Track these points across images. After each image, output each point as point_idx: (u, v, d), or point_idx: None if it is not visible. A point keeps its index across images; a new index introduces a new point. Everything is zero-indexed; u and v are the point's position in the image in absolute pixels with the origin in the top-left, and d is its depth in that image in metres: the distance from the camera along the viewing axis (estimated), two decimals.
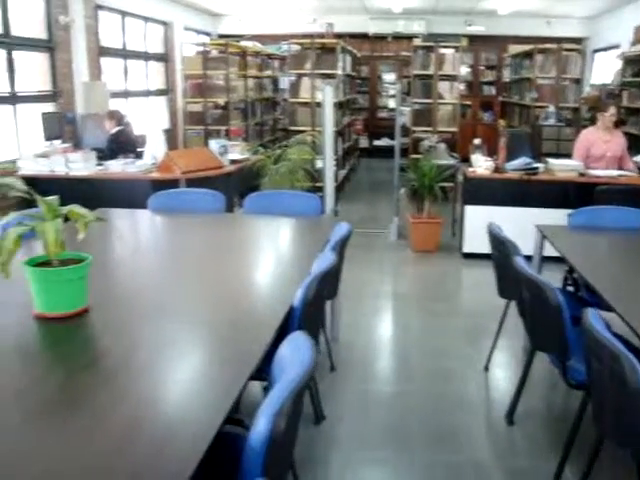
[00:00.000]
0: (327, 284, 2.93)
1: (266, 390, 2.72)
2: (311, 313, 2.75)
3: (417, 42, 10.59)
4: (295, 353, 2.04)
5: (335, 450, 3.43)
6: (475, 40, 14.45)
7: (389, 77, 15.77)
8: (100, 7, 9.36)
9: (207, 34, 14.35)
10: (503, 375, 4.36)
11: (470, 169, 6.80)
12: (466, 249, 6.81)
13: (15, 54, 7.55)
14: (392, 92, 15.61)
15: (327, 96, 7.59)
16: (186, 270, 3.33)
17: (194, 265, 3.41)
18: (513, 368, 4.40)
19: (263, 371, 2.22)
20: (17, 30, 7.57)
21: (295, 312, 2.69)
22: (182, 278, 3.19)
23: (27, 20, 7.89)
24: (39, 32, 8.13)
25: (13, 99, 7.53)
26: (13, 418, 1.86)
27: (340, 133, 10.38)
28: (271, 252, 3.80)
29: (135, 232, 3.24)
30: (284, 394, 1.78)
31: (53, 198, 2.53)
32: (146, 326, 2.52)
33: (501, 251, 3.81)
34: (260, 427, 1.71)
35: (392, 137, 13.99)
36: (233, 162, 6.81)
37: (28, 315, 2.50)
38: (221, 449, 1.76)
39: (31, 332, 2.49)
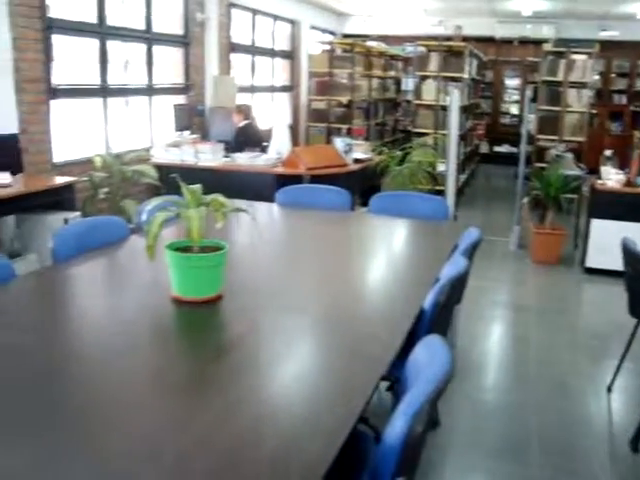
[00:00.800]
0: (457, 290, 2.89)
1: (390, 390, 2.73)
2: (441, 318, 2.73)
3: (547, 47, 10.27)
4: (432, 356, 2.02)
5: (449, 456, 3.39)
6: (607, 46, 13.87)
7: (513, 82, 15.39)
8: (233, 5, 9.64)
9: (332, 33, 14.50)
10: (628, 399, 4.16)
11: (599, 181, 6.52)
12: (589, 264, 6.54)
13: (154, 49, 7.90)
14: (515, 98, 15.24)
15: (454, 99, 7.50)
16: (313, 265, 3.37)
17: (321, 261, 3.45)
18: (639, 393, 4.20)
19: (388, 371, 2.21)
20: (157, 26, 7.93)
21: (425, 315, 2.66)
22: (309, 273, 3.23)
23: (166, 17, 8.24)
24: (176, 28, 8.48)
25: (150, 91, 7.89)
26: (149, 395, 1.95)
27: (462, 137, 10.23)
28: (397, 253, 3.79)
29: (264, 224, 3.32)
30: (422, 396, 1.77)
31: (197, 187, 2.62)
32: (275, 318, 2.56)
33: (636, 268, 3.64)
34: (397, 427, 1.70)
35: (514, 144, 13.76)
36: (357, 161, 6.84)
37: (166, 297, 2.60)
38: (346, 447, 1.77)
39: (167, 313, 2.59)
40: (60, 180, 5.53)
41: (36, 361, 2.09)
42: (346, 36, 14.24)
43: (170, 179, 6.12)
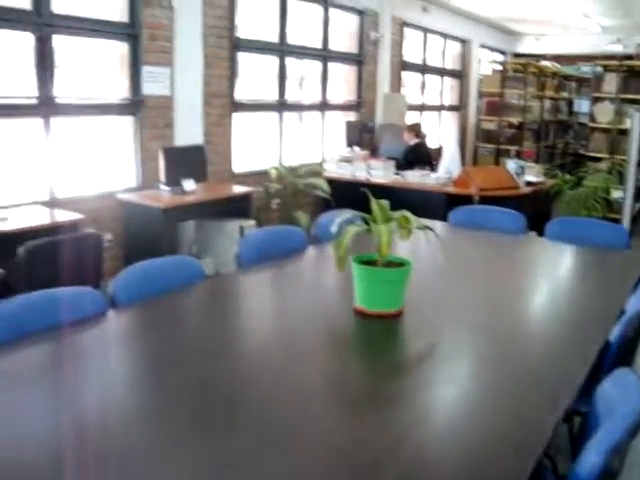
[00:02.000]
0: None
1: (566, 422, 2.61)
2: (627, 351, 2.59)
3: None
4: (626, 391, 1.92)
5: None
6: None
7: None
8: (406, 24, 9.73)
9: (502, 52, 14.24)
10: None
11: None
12: None
13: (329, 66, 8.15)
14: None
15: (635, 123, 7.12)
16: (489, 287, 3.30)
17: (496, 283, 3.37)
18: None
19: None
20: (333, 45, 8.17)
21: (611, 348, 2.54)
22: (485, 295, 3.17)
23: (341, 36, 8.47)
24: (351, 46, 8.68)
25: (323, 107, 8.13)
26: (325, 407, 1.96)
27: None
28: (575, 281, 3.64)
29: (438, 244, 3.31)
30: (619, 432, 1.69)
31: (385, 202, 2.67)
32: (453, 338, 2.54)
33: None
34: (592, 462, 1.63)
35: None
36: (529, 184, 6.66)
37: (347, 308, 2.66)
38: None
39: (348, 325, 2.63)
40: (239, 189, 5.82)
41: (213, 363, 2.17)
42: (517, 55, 13.94)
43: (340, 192, 6.33)
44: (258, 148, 7.20)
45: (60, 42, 4.96)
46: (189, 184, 5.40)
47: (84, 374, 2.05)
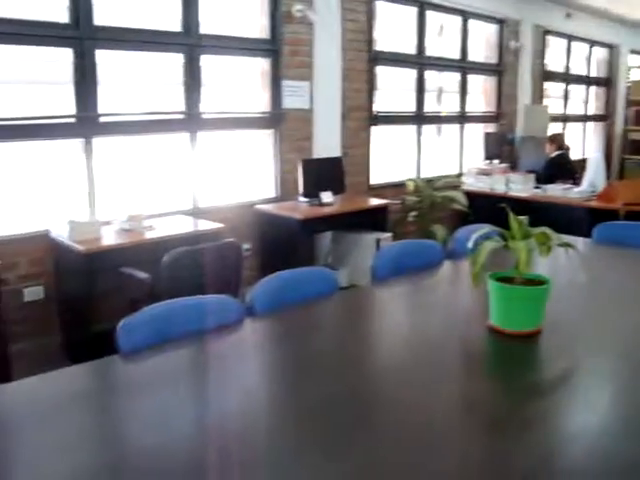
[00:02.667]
0: None
1: None
2: None
3: None
4: None
5: None
6: None
7: None
8: (548, 32, 9.42)
9: None
10: None
11: None
12: None
13: (468, 77, 8.03)
14: None
15: None
16: (633, 313, 3.12)
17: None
18: None
19: None
20: (472, 55, 8.06)
21: None
22: (628, 321, 2.99)
23: (480, 46, 8.33)
24: (490, 57, 8.52)
25: (461, 118, 8.02)
26: (458, 428, 1.87)
27: None
28: None
29: (580, 262, 3.16)
30: None
31: (523, 218, 2.60)
32: (594, 361, 2.40)
33: None
34: None
35: None
36: None
37: (482, 326, 2.59)
38: None
39: (483, 343, 2.56)
40: (376, 202, 5.85)
41: (344, 377, 2.14)
42: None
43: (478, 206, 6.22)
44: (395, 160, 7.21)
45: (206, 60, 5.21)
46: (327, 196, 5.49)
47: (223, 380, 2.11)
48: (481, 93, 8.53)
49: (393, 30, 6.93)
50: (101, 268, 4.05)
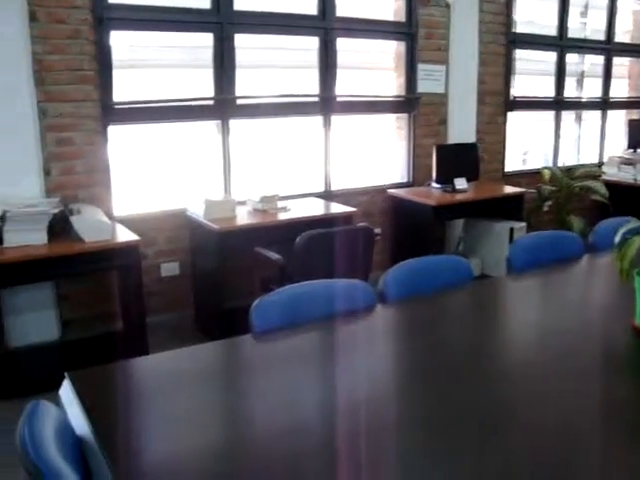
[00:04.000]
0: None
1: None
2: None
3: None
4: None
5: None
6: None
7: None
8: None
9: None
10: None
11: None
12: None
13: (613, 60, 7.59)
14: None
15: None
16: None
17: None
18: None
19: None
20: (618, 36, 7.59)
21: None
22: None
23: (628, 26, 7.85)
24: (636, 37, 8.00)
25: (604, 104, 7.60)
26: (606, 437, 1.73)
27: None
28: None
29: None
30: None
31: None
32: None
33: None
34: None
35: None
36: None
37: (625, 325, 2.44)
38: None
39: (626, 344, 2.41)
40: (510, 190, 5.65)
41: (471, 375, 2.04)
42: None
43: (619, 198, 5.87)
44: (531, 147, 6.94)
45: (341, 43, 5.20)
46: (460, 182, 5.36)
47: (352, 366, 2.08)
48: (625, 77, 8.03)
49: (533, 11, 6.64)
50: (234, 247, 4.15)
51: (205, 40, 4.59)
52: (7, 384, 3.77)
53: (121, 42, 4.27)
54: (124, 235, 3.82)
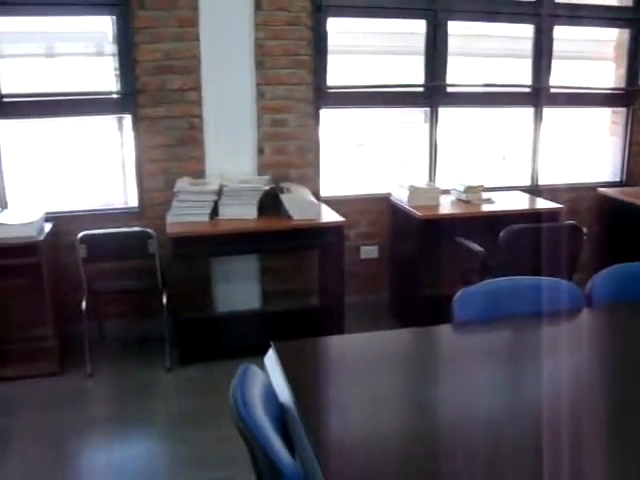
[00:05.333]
0: None
1: None
2: None
3: None
4: None
5: None
6: None
7: None
8: None
9: None
10: None
11: None
12: None
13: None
14: None
15: None
16: None
17: None
18: None
19: None
20: None
21: None
22: None
23: None
24: None
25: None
26: None
27: None
28: None
29: None
30: None
31: None
32: None
33: None
34: None
35: None
36: None
37: None
38: None
39: None
40: None
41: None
42: None
43: None
44: None
45: (557, 31, 4.93)
46: None
47: (551, 368, 1.98)
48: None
49: None
50: (435, 235, 4.13)
51: (417, 27, 4.58)
52: (213, 346, 4.06)
53: (334, 28, 4.38)
54: (330, 216, 3.94)
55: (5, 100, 4.00)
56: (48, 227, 3.85)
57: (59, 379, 3.78)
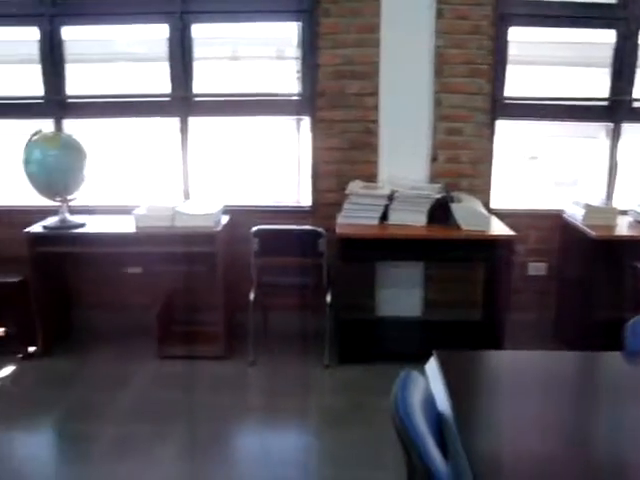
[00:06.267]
0: None
1: None
2: None
3: None
4: None
5: None
6: None
7: None
8: None
9: None
10: None
11: None
12: None
13: None
14: None
15: None
16: None
17: None
18: None
19: None
20: None
21: None
22: None
23: None
24: None
25: None
26: None
27: None
28: None
29: None
30: None
31: None
32: None
33: None
34: None
35: None
36: None
37: None
38: None
39: None
40: None
41: None
42: None
43: None
44: None
45: None
46: None
47: None
48: None
49: None
50: (609, 257, 3.92)
51: (603, 37, 4.34)
52: (371, 348, 4.10)
53: (514, 37, 4.27)
54: (500, 228, 3.86)
55: (196, 100, 4.30)
56: (225, 219, 4.07)
57: (223, 363, 3.98)
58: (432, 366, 1.98)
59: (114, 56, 4.42)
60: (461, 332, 4.18)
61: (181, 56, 4.25)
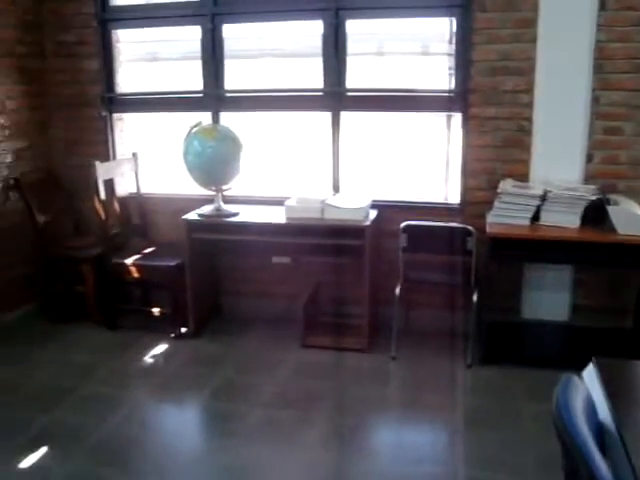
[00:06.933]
0: None
1: None
2: None
3: None
4: None
5: None
6: None
7: None
8: None
9: None
10: None
11: None
12: None
13: None
14: None
15: None
16: None
17: None
18: None
19: None
20: None
21: None
22: None
23: None
24: None
25: None
26: None
27: None
28: None
29: None
30: None
31: None
32: None
33: None
34: None
35: None
36: None
37: None
38: None
39: None
40: None
41: None
42: None
43: None
44: None
45: None
46: None
47: None
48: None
49: None
50: None
51: None
52: (515, 350, 4.03)
53: None
54: None
55: (349, 95, 4.38)
56: (373, 214, 4.11)
57: (365, 356, 4.04)
58: (591, 373, 1.93)
59: (268, 52, 4.56)
60: (610, 340, 4.01)
61: (334, 52, 4.31)
